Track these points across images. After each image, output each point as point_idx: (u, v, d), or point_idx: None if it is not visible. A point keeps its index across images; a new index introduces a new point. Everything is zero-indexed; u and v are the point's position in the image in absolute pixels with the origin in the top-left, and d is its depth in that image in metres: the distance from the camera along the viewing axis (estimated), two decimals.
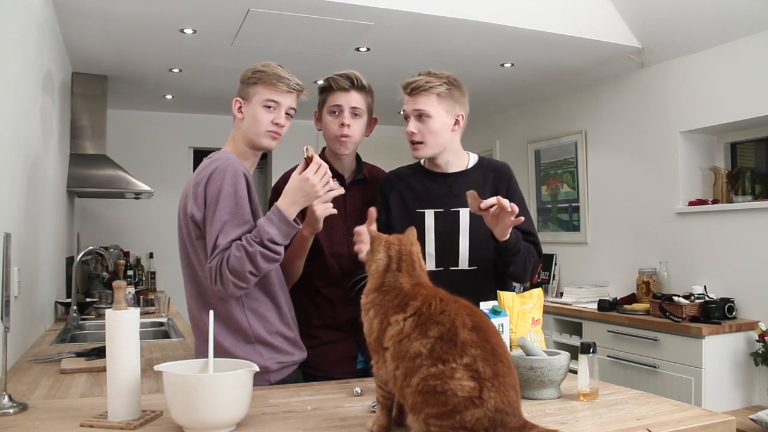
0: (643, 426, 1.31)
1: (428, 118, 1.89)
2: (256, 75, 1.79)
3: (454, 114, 1.93)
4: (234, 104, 1.83)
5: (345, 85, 1.98)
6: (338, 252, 2.01)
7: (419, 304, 1.21)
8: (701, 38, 3.69)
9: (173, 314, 3.80)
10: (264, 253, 1.62)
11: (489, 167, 2.01)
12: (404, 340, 1.18)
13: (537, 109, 5.26)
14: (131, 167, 4.57)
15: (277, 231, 1.64)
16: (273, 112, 1.80)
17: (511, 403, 1.12)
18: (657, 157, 4.12)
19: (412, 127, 1.91)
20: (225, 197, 1.66)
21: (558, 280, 4.93)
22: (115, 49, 3.85)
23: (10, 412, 1.41)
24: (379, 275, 1.29)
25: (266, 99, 1.79)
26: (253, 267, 1.61)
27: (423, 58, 4.00)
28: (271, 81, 1.78)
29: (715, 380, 3.30)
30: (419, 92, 1.88)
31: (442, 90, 1.89)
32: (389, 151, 5.89)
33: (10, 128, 2.18)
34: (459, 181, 1.97)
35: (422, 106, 1.88)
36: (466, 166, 2.01)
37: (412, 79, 1.91)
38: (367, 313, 1.28)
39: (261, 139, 1.81)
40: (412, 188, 2.01)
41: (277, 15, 3.30)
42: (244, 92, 1.82)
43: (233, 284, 1.62)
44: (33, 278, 2.71)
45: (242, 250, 1.61)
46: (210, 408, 1.23)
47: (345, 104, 1.98)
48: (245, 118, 1.81)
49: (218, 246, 1.63)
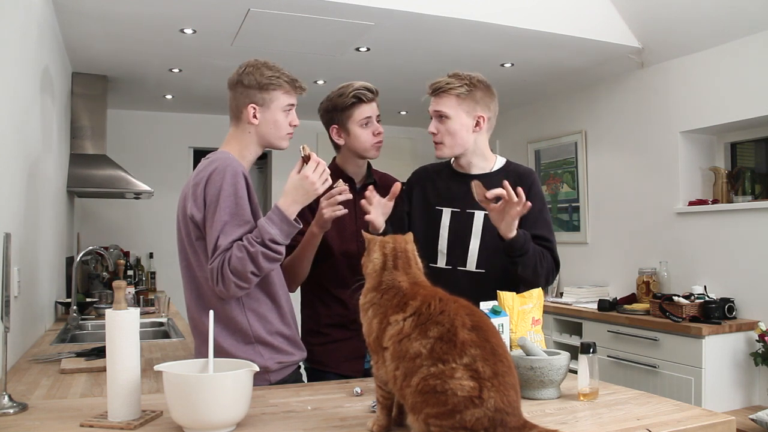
0: (643, 426, 1.31)
1: (447, 119, 1.93)
2: (273, 81, 1.79)
3: (475, 115, 1.94)
4: (249, 111, 1.80)
5: (370, 96, 2.08)
6: (349, 252, 2.04)
7: (419, 303, 1.21)
8: (701, 38, 3.69)
9: (173, 314, 3.80)
10: (265, 253, 1.62)
11: (513, 172, 1.99)
12: (404, 340, 1.18)
13: (537, 109, 5.26)
14: (131, 167, 4.57)
15: (278, 231, 1.64)
16: (290, 115, 1.84)
17: (511, 402, 1.12)
18: (657, 157, 4.12)
19: (433, 127, 1.95)
20: (225, 197, 1.65)
21: (558, 280, 4.93)
22: (115, 49, 3.85)
23: (10, 412, 1.41)
24: (377, 274, 1.29)
25: (287, 104, 1.82)
26: (255, 267, 1.62)
27: (423, 58, 4.01)
28: (288, 87, 1.81)
29: (715, 380, 3.30)
30: (440, 93, 1.93)
31: (462, 91, 1.92)
32: (390, 151, 5.90)
33: (10, 128, 2.17)
34: (484, 183, 1.94)
35: (441, 107, 1.93)
36: (491, 169, 2.01)
37: (435, 80, 1.95)
38: (365, 313, 1.28)
39: (281, 141, 1.84)
40: (436, 186, 2.05)
41: (277, 15, 3.30)
42: (258, 98, 1.79)
43: (235, 285, 1.62)
44: (33, 278, 2.71)
45: (243, 251, 1.61)
46: (210, 408, 1.23)
47: (372, 114, 2.09)
48: (262, 123, 1.81)
49: (219, 247, 1.63)
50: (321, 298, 2.09)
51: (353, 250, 2.02)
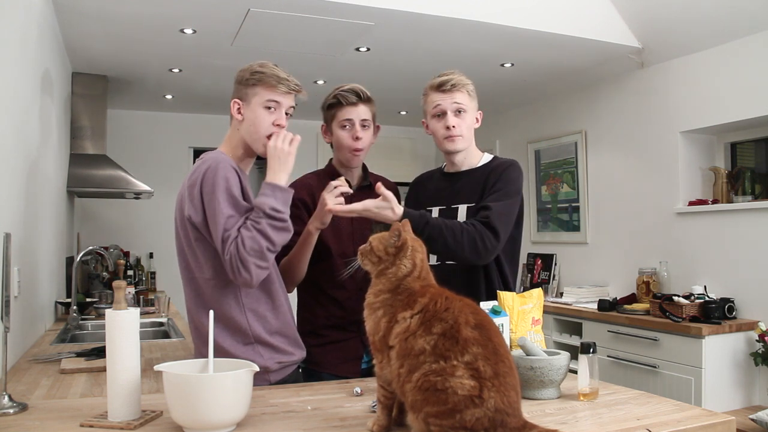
0: (643, 426, 1.31)
1: (465, 113, 2.00)
2: (255, 76, 1.77)
3: (477, 112, 2.06)
4: (233, 106, 1.80)
5: (353, 99, 2.06)
6: (345, 253, 2.03)
7: (426, 301, 1.23)
8: (701, 38, 3.69)
9: (173, 314, 3.80)
10: (272, 224, 1.63)
11: (495, 164, 2.05)
12: (410, 337, 1.19)
13: (537, 109, 5.26)
14: (131, 167, 4.57)
15: (274, 199, 1.66)
16: (274, 113, 1.78)
17: (512, 403, 1.12)
18: (657, 157, 4.12)
19: (453, 121, 1.99)
20: (221, 192, 1.65)
21: (558, 280, 4.93)
22: (115, 49, 3.85)
23: (10, 412, 1.41)
24: (398, 279, 1.28)
25: (267, 100, 1.77)
26: (268, 242, 1.62)
27: (423, 58, 4.01)
28: (271, 82, 1.77)
29: (715, 380, 3.30)
30: (457, 88, 1.99)
31: (471, 89, 2.03)
32: (390, 151, 5.91)
33: (10, 128, 2.17)
34: (464, 179, 2.05)
35: (461, 100, 1.99)
36: (477, 164, 2.07)
37: (447, 77, 2.00)
38: (374, 311, 1.28)
39: (256, 144, 1.78)
40: (427, 189, 2.13)
41: (277, 15, 3.30)
42: (242, 93, 1.79)
43: (255, 266, 1.61)
44: (33, 278, 2.71)
45: (252, 229, 1.62)
46: (210, 408, 1.23)
47: (355, 118, 2.06)
48: (245, 120, 1.79)
49: (228, 236, 1.62)
50: (317, 299, 2.09)
51: (349, 252, 2.02)
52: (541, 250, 5.13)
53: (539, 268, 5.05)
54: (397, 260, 1.29)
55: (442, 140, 2.02)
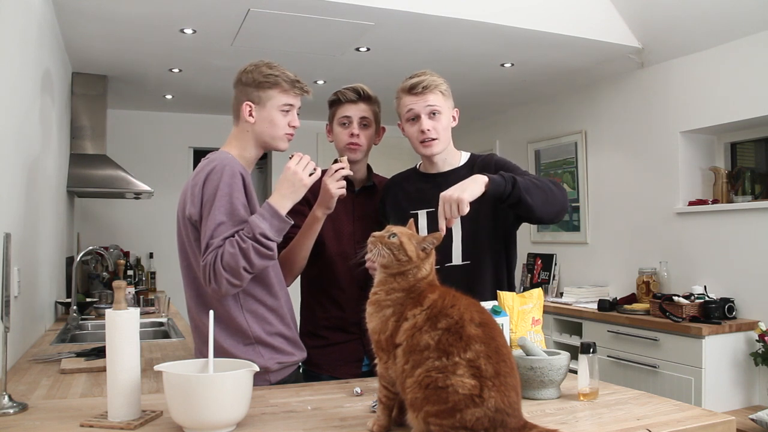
0: (643, 426, 1.31)
1: (440, 115, 1.94)
2: (269, 79, 1.78)
3: (453, 111, 2.00)
4: (244, 108, 1.79)
5: (353, 97, 2.06)
6: (346, 254, 2.02)
7: (435, 297, 1.23)
8: (701, 38, 3.69)
9: (173, 314, 3.80)
10: (257, 249, 1.61)
11: (478, 164, 2.02)
12: (416, 333, 1.19)
13: (537, 109, 5.25)
14: (131, 167, 4.57)
15: (269, 225, 1.64)
16: (288, 116, 1.82)
17: (512, 404, 1.12)
18: (657, 157, 4.12)
19: (428, 124, 1.92)
20: (221, 197, 1.65)
21: (558, 280, 4.93)
22: (115, 49, 3.85)
23: (10, 412, 1.41)
24: (416, 280, 1.28)
25: (284, 104, 1.80)
26: (247, 263, 1.61)
27: (423, 58, 4.00)
28: (286, 86, 1.79)
29: (715, 380, 3.29)
30: (429, 90, 1.92)
31: (444, 88, 1.96)
32: (390, 151, 5.90)
33: (10, 128, 2.18)
34: (450, 179, 1.97)
35: (434, 102, 1.93)
36: (458, 164, 2.03)
37: (418, 79, 1.93)
38: (382, 309, 1.27)
39: (278, 142, 1.82)
40: (406, 192, 2.05)
41: (277, 15, 3.30)
42: (254, 96, 1.79)
43: (227, 281, 1.61)
44: (33, 278, 2.71)
45: (236, 246, 1.60)
46: (210, 408, 1.23)
47: (354, 115, 2.06)
48: (258, 122, 1.80)
49: (212, 244, 1.62)
50: (318, 300, 2.08)
51: (350, 252, 2.01)
52: (541, 250, 5.13)
53: (539, 268, 5.05)
54: (421, 263, 1.30)
55: (418, 144, 1.97)
